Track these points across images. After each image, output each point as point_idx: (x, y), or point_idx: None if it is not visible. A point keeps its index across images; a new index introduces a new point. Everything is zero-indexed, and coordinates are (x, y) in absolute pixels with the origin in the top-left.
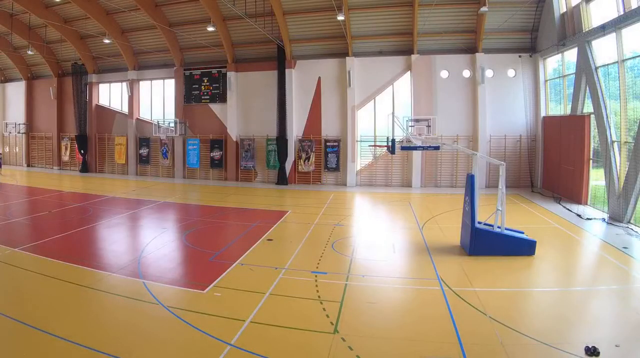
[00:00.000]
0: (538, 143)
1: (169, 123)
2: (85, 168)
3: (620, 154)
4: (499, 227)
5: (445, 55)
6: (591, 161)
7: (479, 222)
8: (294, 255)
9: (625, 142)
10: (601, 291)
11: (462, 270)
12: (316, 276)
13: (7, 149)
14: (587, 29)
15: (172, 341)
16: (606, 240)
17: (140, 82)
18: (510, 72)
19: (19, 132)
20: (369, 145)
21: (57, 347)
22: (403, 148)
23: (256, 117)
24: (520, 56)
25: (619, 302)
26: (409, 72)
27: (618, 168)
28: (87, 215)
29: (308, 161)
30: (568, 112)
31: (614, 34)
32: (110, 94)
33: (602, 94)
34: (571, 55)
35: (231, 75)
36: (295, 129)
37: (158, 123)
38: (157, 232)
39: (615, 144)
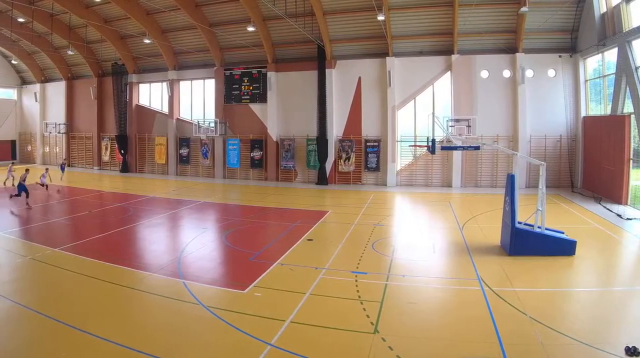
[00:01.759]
0: (578, 143)
1: (209, 123)
2: (125, 168)
3: None
4: (539, 227)
5: (485, 55)
6: (631, 161)
7: (519, 222)
8: (334, 255)
9: None
10: None
11: (502, 270)
12: (356, 276)
13: (47, 149)
14: (627, 29)
15: (212, 341)
16: None
17: (181, 82)
18: (551, 72)
19: (59, 132)
20: (409, 145)
21: (97, 347)
22: (443, 148)
23: (296, 117)
24: (560, 56)
25: None
26: (449, 72)
27: None
28: (128, 215)
29: (348, 161)
30: (608, 112)
31: None
32: (150, 94)
33: None
34: (611, 55)
35: (271, 75)
36: (336, 129)
37: (198, 123)
38: (197, 232)
39: None
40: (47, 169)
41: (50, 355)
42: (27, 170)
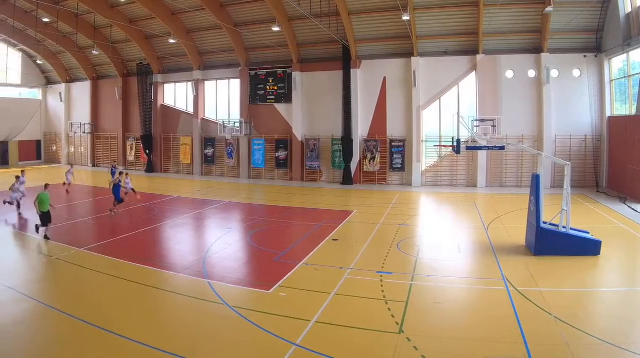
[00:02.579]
0: (603, 143)
1: (235, 123)
2: (150, 168)
3: None
4: (564, 227)
5: (510, 55)
6: None
7: (545, 222)
8: (359, 255)
9: None
10: None
11: (527, 270)
12: (381, 276)
13: (72, 149)
14: None
15: (237, 341)
16: None
17: (206, 82)
18: (576, 72)
19: (84, 132)
20: (435, 145)
21: (122, 347)
22: (468, 148)
23: (321, 117)
24: (585, 56)
25: None
26: (474, 72)
27: None
28: (153, 215)
29: (373, 161)
30: (633, 112)
31: None
32: (175, 94)
33: None
34: (637, 55)
35: (296, 75)
36: (361, 129)
37: (223, 123)
38: (222, 232)
39: None
40: (72, 165)
41: (75, 355)
42: (120, 173)
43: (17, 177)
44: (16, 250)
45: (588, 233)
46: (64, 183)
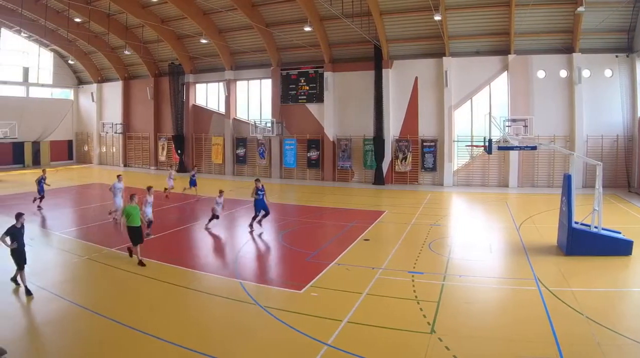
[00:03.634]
0: (635, 143)
1: (266, 123)
2: (182, 168)
3: None
4: (595, 227)
5: (541, 55)
6: None
7: (576, 222)
8: (391, 255)
9: None
10: None
11: (559, 270)
12: (413, 276)
13: (103, 149)
14: None
15: (269, 341)
16: None
17: (237, 82)
18: (607, 72)
19: (115, 132)
20: (466, 145)
21: (155, 347)
22: (500, 148)
23: (353, 117)
24: (617, 56)
25: None
26: (505, 72)
27: None
28: (185, 215)
29: (405, 161)
30: None
31: None
32: (207, 94)
33: None
34: None
35: (328, 75)
36: (392, 129)
37: (255, 123)
38: (254, 232)
39: None
40: (172, 167)
41: (109, 356)
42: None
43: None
44: (49, 249)
45: (620, 233)
46: (165, 189)
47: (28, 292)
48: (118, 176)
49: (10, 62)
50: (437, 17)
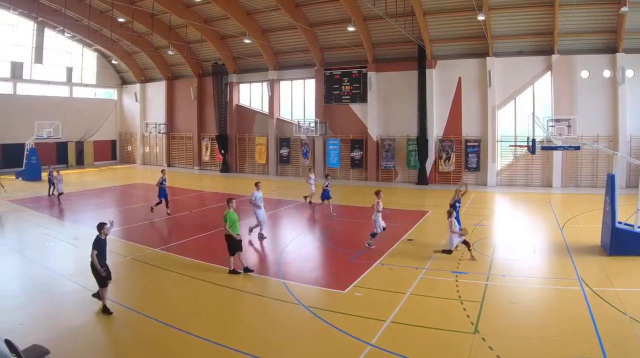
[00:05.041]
0: None
1: (310, 123)
2: (225, 168)
3: None
4: (639, 227)
5: (585, 55)
6: None
7: (620, 222)
8: (434, 255)
9: None
10: None
11: (602, 270)
12: (456, 276)
13: (147, 149)
14: None
15: (312, 341)
16: None
17: (281, 82)
18: None
19: (159, 132)
20: (510, 145)
21: (198, 348)
22: (544, 148)
23: (396, 117)
24: None
25: None
26: (549, 72)
27: None
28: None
29: (448, 161)
30: None
31: None
32: (250, 94)
33: None
34: None
35: (371, 75)
36: (436, 129)
37: (298, 123)
38: (297, 232)
39: None
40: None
41: (151, 355)
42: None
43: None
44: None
45: None
46: (306, 198)
47: (106, 310)
48: (256, 184)
49: (54, 62)
50: (481, 17)
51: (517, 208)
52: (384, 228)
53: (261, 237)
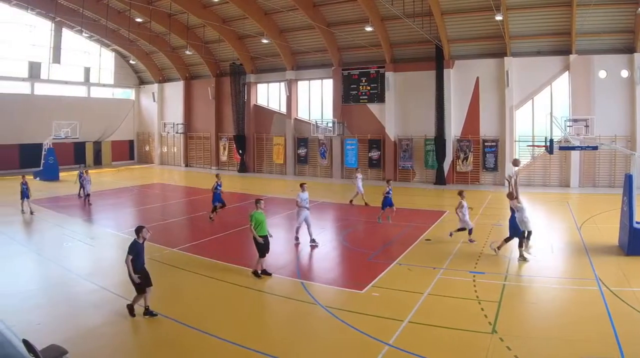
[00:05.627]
0: None
1: (327, 123)
2: (243, 168)
3: None
4: None
5: (603, 55)
6: None
7: (637, 222)
8: (452, 255)
9: None
10: None
11: (620, 270)
12: (474, 276)
13: (165, 149)
14: None
15: (330, 341)
16: None
17: (298, 82)
18: None
19: (177, 132)
20: (527, 145)
21: (216, 347)
22: (561, 148)
23: (414, 117)
24: None
25: None
26: (567, 72)
27: None
28: (245, 215)
29: (466, 161)
30: None
31: None
32: (268, 94)
33: None
34: None
35: (389, 75)
36: (453, 129)
37: (316, 123)
38: (315, 232)
39: None
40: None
41: (169, 355)
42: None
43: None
44: (111, 250)
45: None
46: (351, 202)
47: (149, 312)
48: (301, 185)
49: (72, 62)
50: (499, 17)
51: (534, 208)
52: (470, 230)
53: (313, 243)
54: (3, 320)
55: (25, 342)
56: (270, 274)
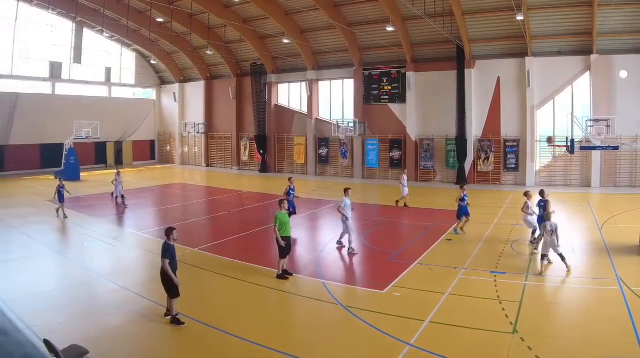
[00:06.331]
0: None
1: (348, 123)
2: (264, 168)
3: None
4: None
5: (624, 55)
6: None
7: None
8: (473, 255)
9: None
10: None
11: None
12: (495, 276)
13: (186, 149)
14: None
15: (351, 341)
16: None
17: (320, 82)
18: None
19: (198, 132)
20: (548, 145)
21: (236, 347)
22: (582, 148)
23: (435, 117)
24: None
25: None
26: (588, 72)
27: None
28: (266, 215)
29: (487, 161)
30: None
31: None
32: (289, 94)
33: None
34: None
35: (410, 75)
36: (475, 129)
37: (337, 123)
38: (336, 232)
39: None
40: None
41: (190, 356)
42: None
43: (118, 173)
44: (131, 249)
45: None
46: (397, 203)
47: (176, 321)
48: (346, 190)
49: (93, 62)
50: (520, 17)
51: (555, 208)
52: (533, 232)
53: (352, 252)
54: (24, 320)
55: (46, 342)
56: (291, 274)
